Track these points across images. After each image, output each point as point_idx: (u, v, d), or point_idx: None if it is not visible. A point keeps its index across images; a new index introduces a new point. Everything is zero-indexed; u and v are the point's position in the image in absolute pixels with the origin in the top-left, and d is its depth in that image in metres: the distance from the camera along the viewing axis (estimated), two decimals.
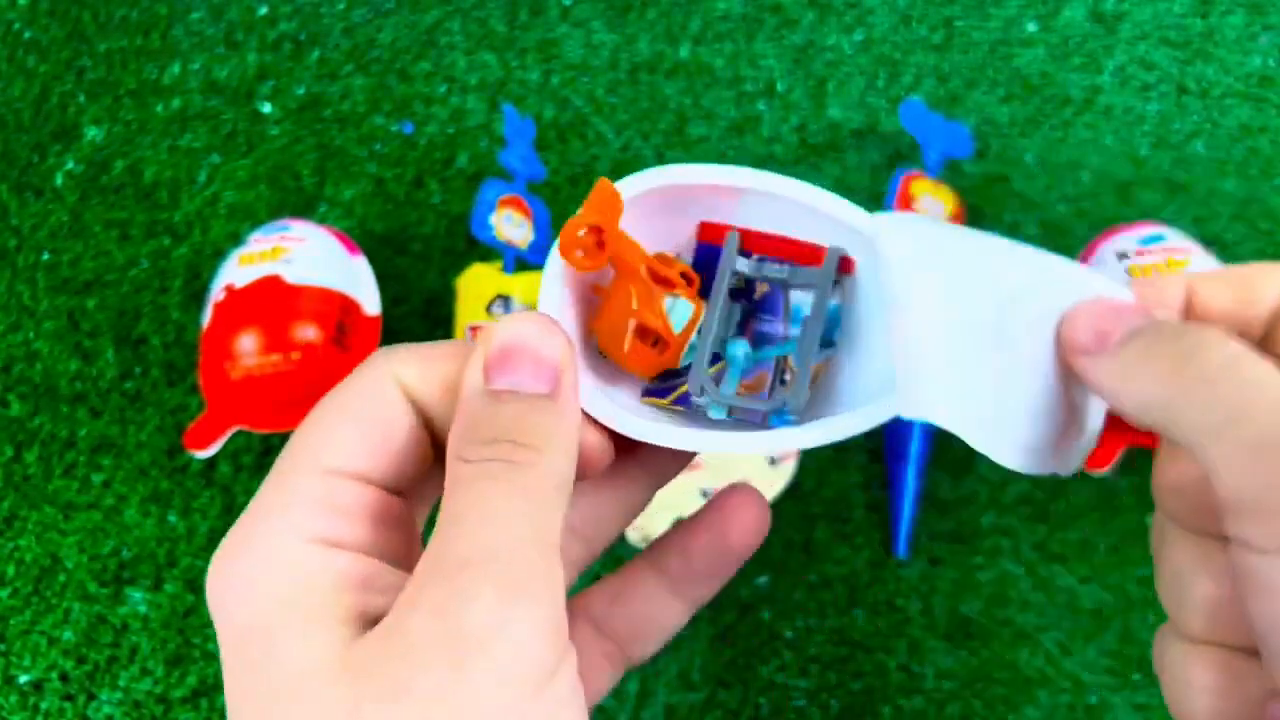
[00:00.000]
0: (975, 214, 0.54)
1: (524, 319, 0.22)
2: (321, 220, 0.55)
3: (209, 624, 0.47)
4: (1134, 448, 0.46)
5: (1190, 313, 0.24)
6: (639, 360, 0.26)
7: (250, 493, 0.50)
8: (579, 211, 0.27)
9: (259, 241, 0.49)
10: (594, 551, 0.26)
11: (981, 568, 0.47)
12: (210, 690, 0.46)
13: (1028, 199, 0.54)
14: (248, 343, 0.46)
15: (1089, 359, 0.23)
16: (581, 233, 0.27)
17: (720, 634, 0.46)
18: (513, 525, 0.19)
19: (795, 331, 0.27)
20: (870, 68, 0.58)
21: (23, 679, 0.47)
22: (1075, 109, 0.56)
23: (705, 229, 0.28)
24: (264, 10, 0.62)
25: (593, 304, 0.27)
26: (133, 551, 0.49)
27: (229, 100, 0.59)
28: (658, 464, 0.26)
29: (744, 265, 0.27)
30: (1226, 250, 0.52)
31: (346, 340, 0.48)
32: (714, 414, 0.26)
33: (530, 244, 0.51)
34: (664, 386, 0.27)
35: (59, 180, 0.58)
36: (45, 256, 0.56)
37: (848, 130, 0.57)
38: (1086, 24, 0.59)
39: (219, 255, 0.55)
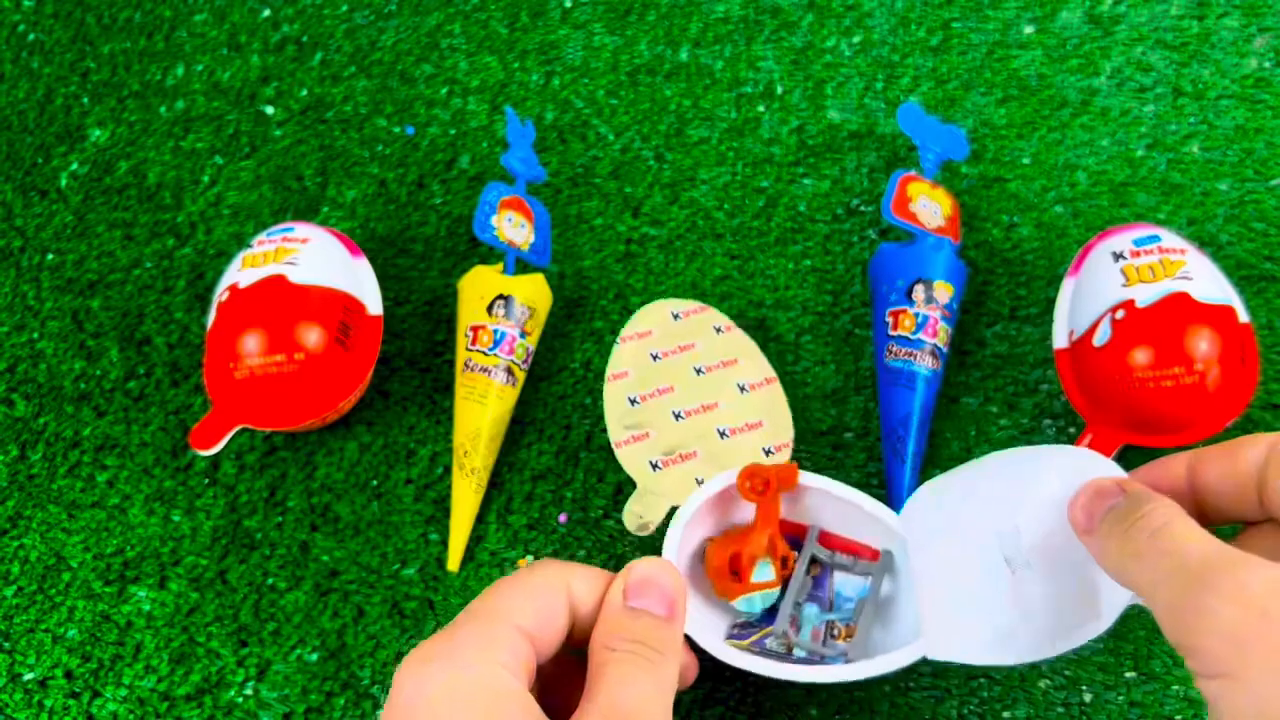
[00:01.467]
0: (971, 215, 0.54)
1: (654, 562, 0.35)
2: (324, 222, 0.56)
3: (213, 621, 0.47)
4: (1129, 446, 0.46)
5: (1193, 487, 0.32)
6: (718, 579, 0.40)
7: (253, 492, 0.51)
8: (770, 466, 0.41)
9: (263, 243, 0.50)
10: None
11: None
12: (213, 688, 0.46)
13: (1024, 200, 0.55)
14: (251, 343, 0.47)
15: (1086, 537, 0.31)
16: (749, 483, 0.40)
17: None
18: (650, 692, 0.30)
19: (840, 602, 0.42)
20: (868, 70, 0.59)
21: (27, 677, 0.47)
22: (1072, 111, 0.57)
23: (786, 525, 0.43)
24: (267, 13, 0.62)
25: (703, 544, 0.42)
26: (137, 550, 0.49)
27: (232, 102, 0.60)
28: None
29: (822, 554, 0.43)
30: (1221, 251, 0.52)
31: (349, 340, 0.48)
32: (798, 654, 0.41)
33: (531, 245, 0.51)
34: (744, 633, 0.41)
35: (63, 181, 0.58)
36: (50, 257, 0.56)
37: (846, 132, 0.57)
38: (1083, 26, 0.59)
39: (222, 256, 0.55)
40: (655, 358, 0.49)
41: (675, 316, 0.50)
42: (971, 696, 0.44)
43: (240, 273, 0.49)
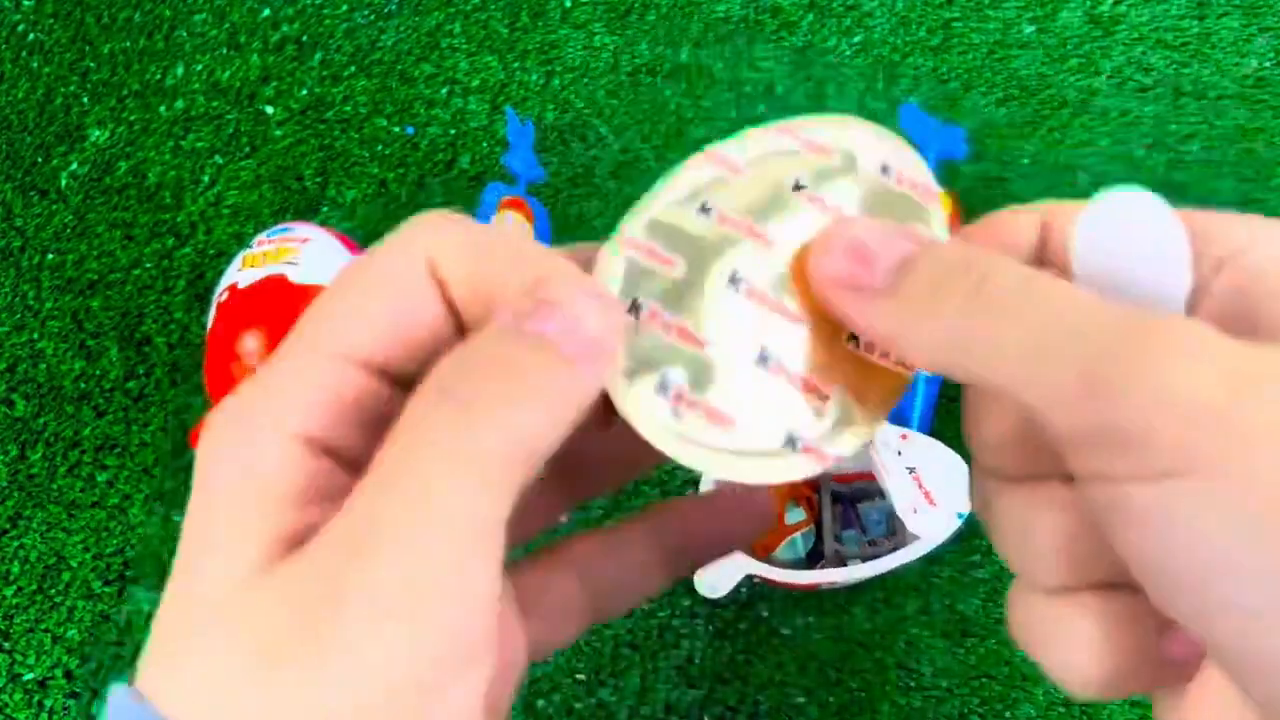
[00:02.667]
0: (972, 216, 0.54)
1: (579, 275, 0.19)
2: (324, 222, 0.56)
3: None
4: None
5: (1048, 254, 0.21)
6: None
7: None
8: None
9: (262, 243, 0.50)
10: (601, 612, 0.24)
11: (979, 565, 0.48)
12: None
13: (1025, 201, 0.54)
14: (251, 343, 0.47)
15: (856, 299, 0.19)
16: None
17: (719, 631, 0.47)
18: (438, 502, 0.16)
19: (870, 525, 0.49)
20: (869, 70, 0.59)
21: (27, 677, 0.47)
22: (1072, 111, 0.57)
23: None
24: (267, 12, 0.62)
25: None
26: (137, 550, 0.49)
27: (232, 102, 0.60)
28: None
29: (842, 489, 0.50)
30: None
31: None
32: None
33: None
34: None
35: (63, 181, 0.58)
36: (50, 257, 0.56)
37: None
38: (1083, 26, 0.59)
39: (222, 256, 0.55)
40: None
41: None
42: (973, 696, 0.44)
43: (240, 273, 0.49)
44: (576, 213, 0.56)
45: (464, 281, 0.19)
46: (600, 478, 0.25)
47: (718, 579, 0.45)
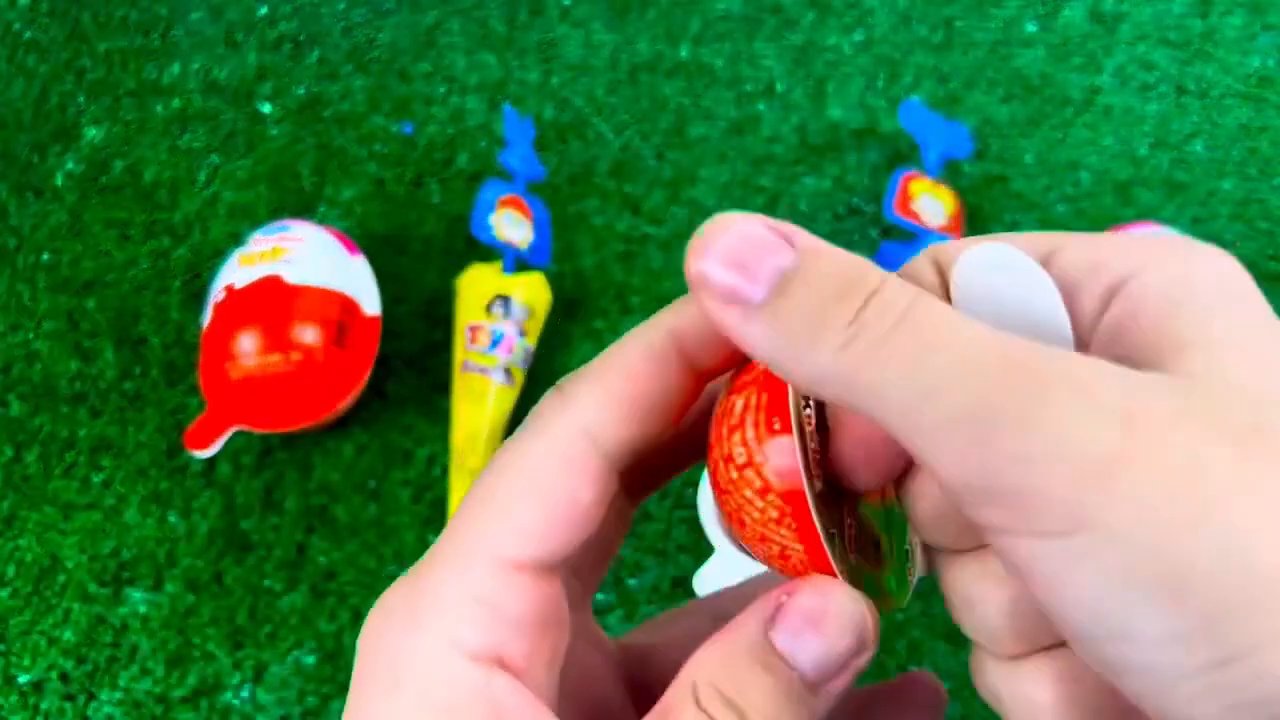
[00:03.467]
0: (974, 214, 0.54)
1: (836, 587, 0.18)
2: (321, 220, 0.55)
3: (209, 624, 0.47)
4: None
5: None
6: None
7: (250, 493, 0.50)
8: None
9: (259, 242, 0.49)
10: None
11: None
12: (210, 690, 0.46)
13: (1027, 199, 0.54)
14: (248, 343, 0.46)
15: (735, 315, 0.17)
16: None
17: None
18: None
19: None
20: (870, 68, 0.58)
21: (23, 679, 0.47)
22: (1075, 109, 0.56)
23: None
24: (264, 10, 0.62)
25: None
26: (133, 552, 0.49)
27: (229, 100, 0.59)
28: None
29: None
30: (1225, 249, 0.52)
31: (346, 340, 0.48)
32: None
33: (530, 244, 0.51)
34: None
35: (59, 180, 0.58)
36: (45, 257, 0.56)
37: (847, 130, 0.57)
38: (1086, 24, 0.59)
39: (218, 255, 0.55)
40: None
41: None
42: (975, 699, 0.44)
43: (236, 272, 0.48)
44: (575, 211, 0.55)
45: (627, 423, 0.18)
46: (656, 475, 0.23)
47: (716, 581, 0.44)
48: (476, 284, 0.50)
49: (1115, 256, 0.18)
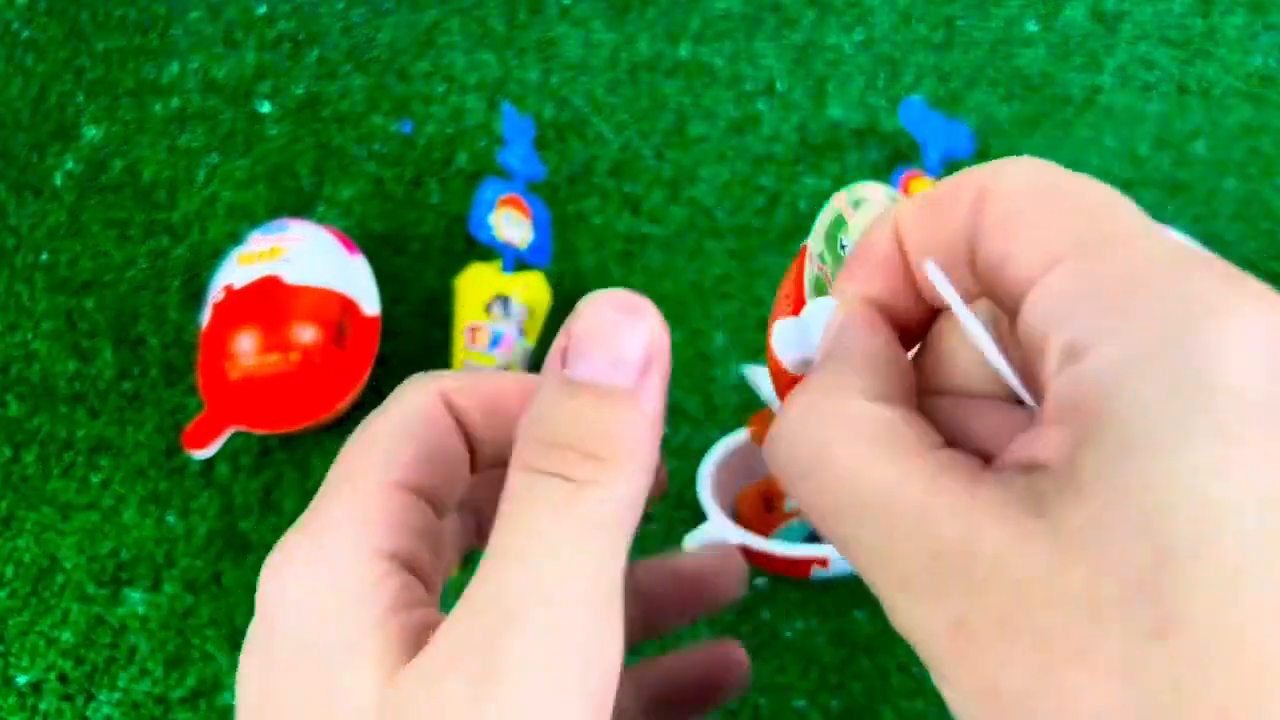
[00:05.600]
0: None
1: (609, 300, 0.19)
2: (320, 220, 0.55)
3: (208, 624, 0.47)
4: None
5: (903, 257, 0.19)
6: (754, 516, 0.43)
7: (249, 493, 0.50)
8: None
9: (258, 241, 0.49)
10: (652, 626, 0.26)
11: None
12: (209, 691, 0.46)
13: None
14: (246, 343, 0.46)
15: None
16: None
17: (720, 634, 0.46)
18: (567, 569, 0.17)
19: None
20: (870, 67, 0.58)
21: (21, 680, 0.47)
22: (1076, 108, 0.56)
23: None
24: (263, 10, 0.62)
25: None
26: (131, 552, 0.49)
27: (227, 100, 0.59)
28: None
29: None
30: (1228, 249, 0.52)
31: (345, 340, 0.48)
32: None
33: (530, 244, 0.51)
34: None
35: (57, 180, 0.58)
36: (44, 256, 0.56)
37: (848, 129, 0.57)
38: (1087, 23, 0.59)
39: (217, 255, 0.55)
40: None
41: None
42: None
43: (235, 272, 0.48)
44: (575, 211, 0.55)
45: (476, 407, 0.21)
46: (667, 614, 0.26)
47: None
48: (476, 284, 0.50)
49: (1091, 305, 0.15)
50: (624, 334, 0.19)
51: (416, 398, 0.21)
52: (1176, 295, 0.15)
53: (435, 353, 0.52)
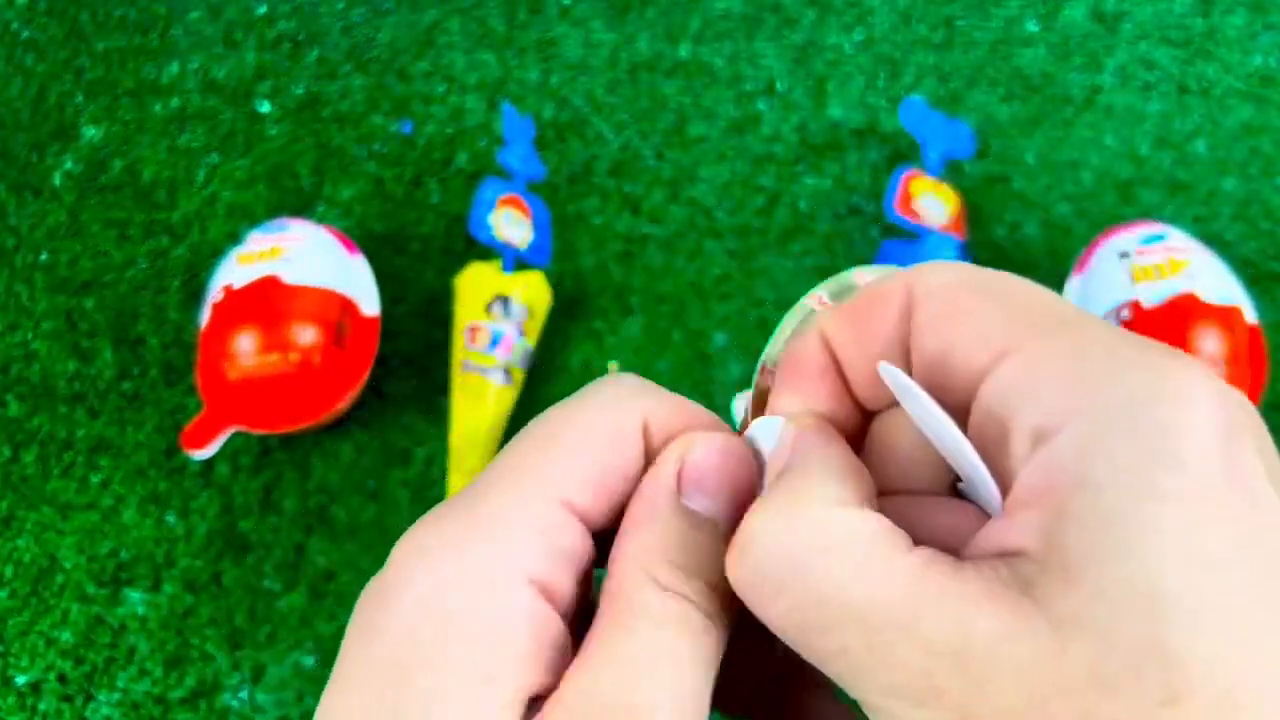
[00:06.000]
0: (976, 214, 0.54)
1: (730, 440, 0.19)
2: (320, 220, 0.55)
3: (207, 624, 0.47)
4: None
5: (836, 366, 0.20)
6: None
7: (249, 494, 0.50)
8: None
9: (257, 241, 0.49)
10: None
11: None
12: (209, 691, 0.46)
13: (1028, 198, 0.54)
14: (246, 343, 0.46)
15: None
16: None
17: None
18: (680, 693, 0.17)
19: None
20: (871, 67, 0.58)
21: (20, 680, 0.47)
22: (1076, 108, 0.56)
23: None
24: (263, 10, 0.62)
25: None
26: (131, 552, 0.49)
27: (227, 100, 0.59)
28: None
29: None
30: (1228, 249, 0.52)
31: (345, 340, 0.48)
32: None
33: (530, 244, 0.51)
34: None
35: (57, 180, 0.58)
36: (43, 256, 0.56)
37: (848, 129, 0.57)
38: (1087, 23, 0.58)
39: (217, 255, 0.55)
40: None
41: None
42: None
43: (235, 272, 0.48)
44: (575, 211, 0.55)
45: (667, 439, 0.20)
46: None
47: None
48: (476, 284, 0.50)
49: (1052, 388, 0.16)
50: (733, 462, 0.19)
51: (620, 414, 0.19)
52: (1133, 375, 0.15)
53: (435, 353, 0.52)
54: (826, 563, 0.16)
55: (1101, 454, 0.15)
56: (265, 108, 0.59)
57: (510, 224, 0.50)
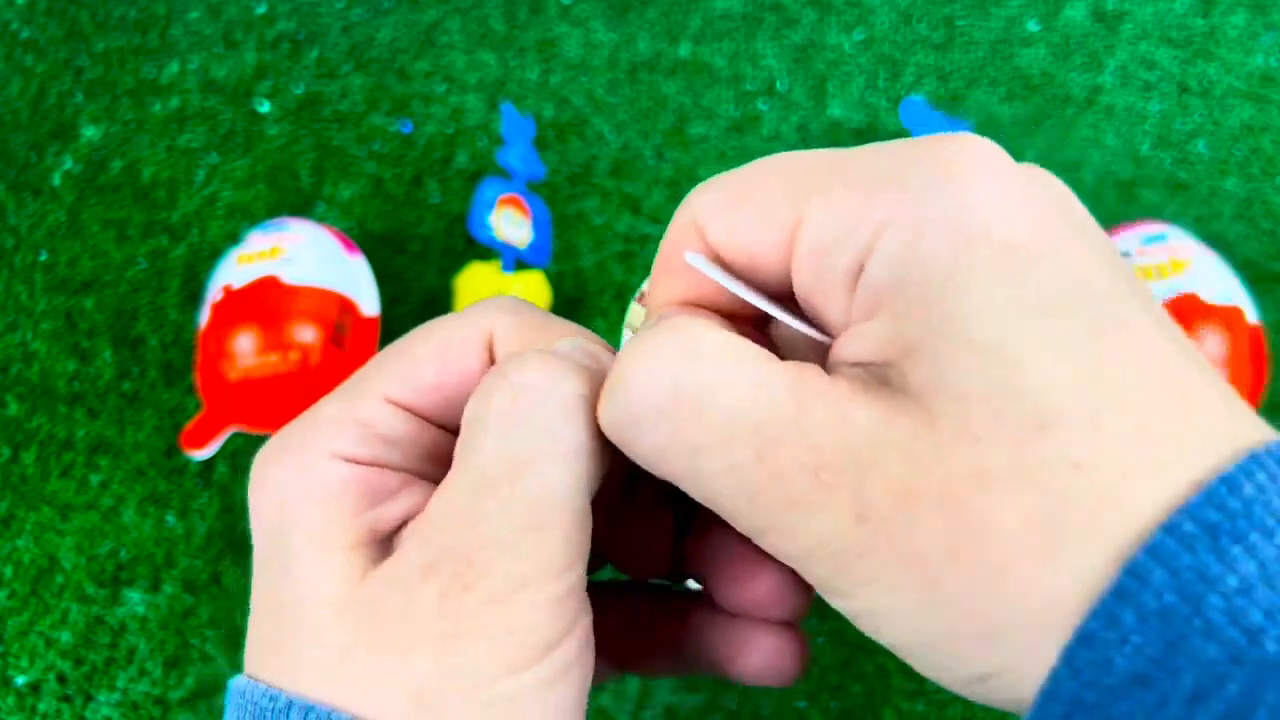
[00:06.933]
0: None
1: (586, 338, 0.21)
2: (320, 219, 0.55)
3: (208, 625, 0.47)
4: None
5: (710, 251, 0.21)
6: None
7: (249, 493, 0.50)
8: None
9: (257, 241, 0.49)
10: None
11: None
12: (209, 692, 0.46)
13: None
14: (245, 343, 0.46)
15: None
16: None
17: None
18: (541, 475, 0.18)
19: None
20: (871, 67, 0.58)
21: (20, 680, 0.47)
22: (1077, 108, 0.56)
23: None
24: (262, 9, 0.61)
25: None
26: (131, 553, 0.49)
27: (227, 99, 0.59)
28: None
29: None
30: (1229, 249, 0.52)
31: (344, 340, 0.48)
32: None
33: (530, 244, 0.51)
34: None
35: (57, 180, 0.58)
36: (43, 256, 0.56)
37: (848, 129, 0.57)
38: (1088, 23, 0.58)
39: (217, 255, 0.55)
40: None
41: None
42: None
43: (234, 272, 0.48)
44: (575, 211, 0.55)
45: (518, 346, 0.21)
46: (645, 657, 0.24)
47: None
48: (475, 283, 0.50)
49: (857, 219, 0.17)
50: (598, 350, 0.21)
51: (462, 326, 0.21)
52: (916, 175, 0.17)
53: None
54: (705, 374, 0.17)
55: (912, 252, 0.16)
56: (265, 107, 0.59)
57: (510, 223, 0.50)
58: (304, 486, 0.19)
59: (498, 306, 0.21)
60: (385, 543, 0.19)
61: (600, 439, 0.19)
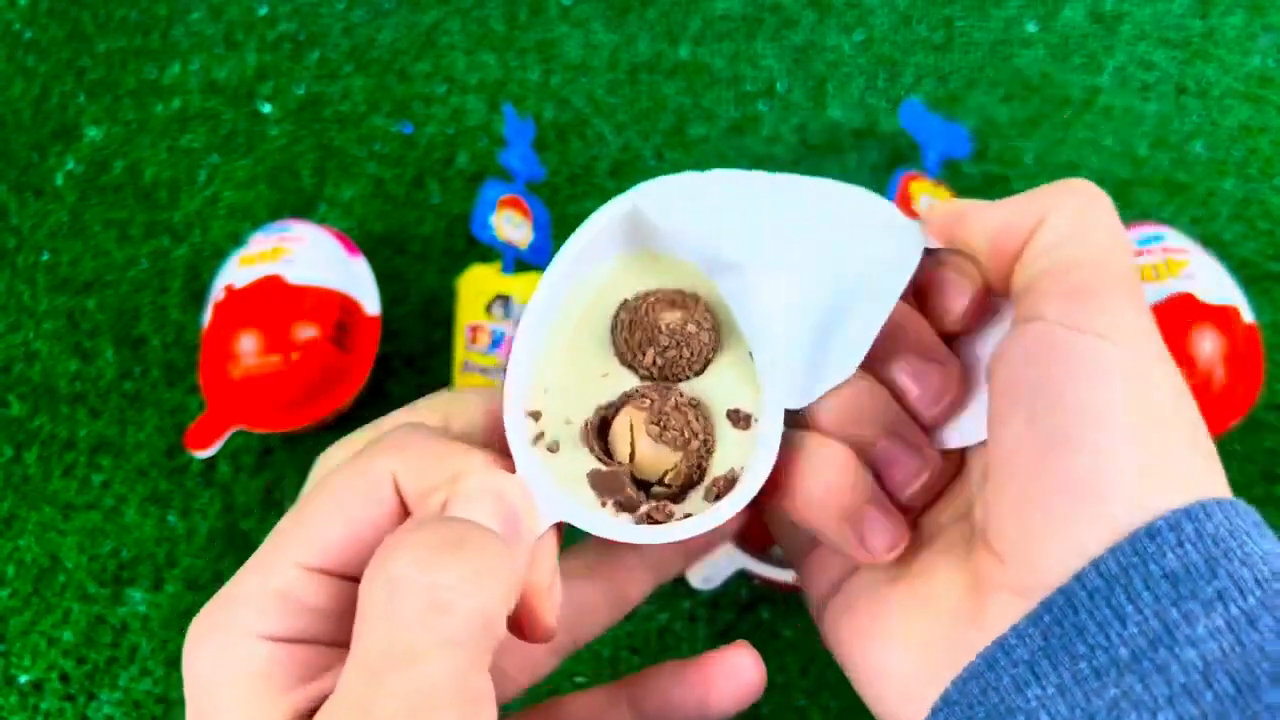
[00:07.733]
0: None
1: (500, 477, 0.22)
2: (321, 220, 0.55)
3: None
4: None
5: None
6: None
7: (250, 493, 0.50)
8: None
9: (259, 242, 0.49)
10: (578, 640, 0.27)
11: None
12: None
13: None
14: (248, 343, 0.46)
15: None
16: None
17: (720, 633, 0.46)
18: (443, 663, 0.19)
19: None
20: (870, 68, 0.58)
21: (22, 679, 0.47)
22: (1075, 109, 0.56)
23: None
24: (264, 10, 0.62)
25: None
26: (132, 552, 0.49)
27: (228, 100, 0.59)
28: (657, 560, 0.27)
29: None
30: (1226, 249, 0.52)
31: (346, 340, 0.48)
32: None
33: (530, 244, 0.51)
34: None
35: (59, 180, 0.58)
36: (45, 256, 0.56)
37: (848, 130, 0.57)
38: (1086, 24, 0.59)
39: (218, 255, 0.55)
40: None
41: None
42: None
43: (236, 272, 0.48)
44: (575, 211, 0.55)
45: (426, 489, 0.22)
46: (580, 627, 0.27)
47: (711, 572, 0.44)
48: (476, 284, 0.50)
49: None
50: (511, 495, 0.22)
51: (366, 478, 0.22)
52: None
53: (436, 353, 0.52)
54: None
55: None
56: (266, 108, 0.59)
57: (511, 224, 0.51)
58: (230, 671, 0.20)
59: (395, 444, 0.22)
60: (309, 712, 0.20)
61: (499, 601, 0.20)
